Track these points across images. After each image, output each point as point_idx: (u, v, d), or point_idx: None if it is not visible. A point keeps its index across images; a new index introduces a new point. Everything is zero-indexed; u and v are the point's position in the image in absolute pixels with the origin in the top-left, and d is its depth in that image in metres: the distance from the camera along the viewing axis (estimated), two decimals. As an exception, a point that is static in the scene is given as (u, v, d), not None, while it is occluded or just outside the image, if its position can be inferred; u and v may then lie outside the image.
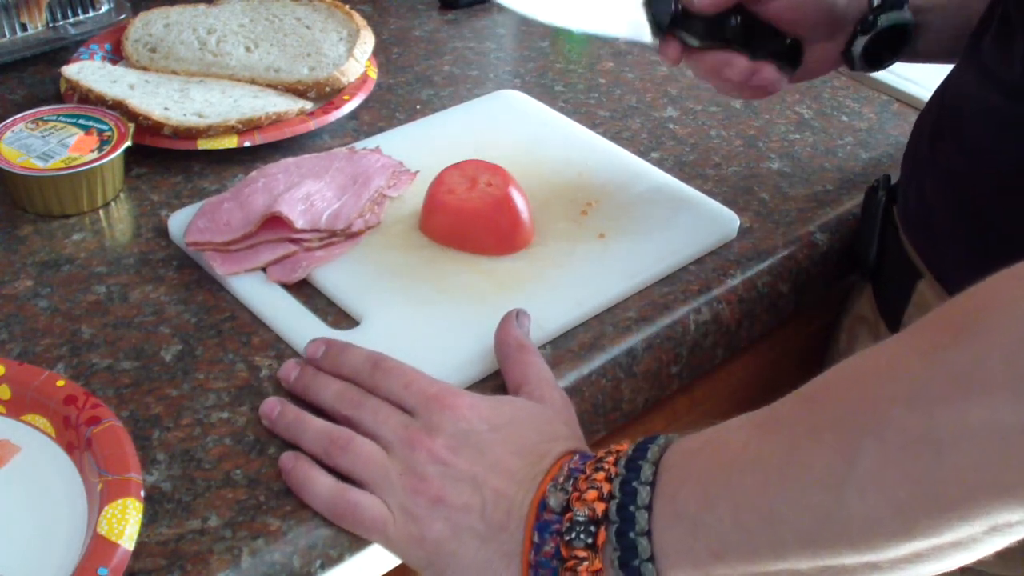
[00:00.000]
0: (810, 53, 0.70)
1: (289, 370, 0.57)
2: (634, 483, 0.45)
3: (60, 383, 0.53)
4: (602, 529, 0.45)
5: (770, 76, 0.68)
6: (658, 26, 0.68)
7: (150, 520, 0.50)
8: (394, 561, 0.56)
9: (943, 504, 0.37)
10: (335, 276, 0.64)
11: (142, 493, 0.48)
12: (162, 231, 0.68)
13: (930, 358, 0.38)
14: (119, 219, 0.70)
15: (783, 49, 0.68)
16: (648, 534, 0.44)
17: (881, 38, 0.69)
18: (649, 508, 0.45)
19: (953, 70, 0.64)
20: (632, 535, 0.44)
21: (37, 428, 0.53)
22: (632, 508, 0.45)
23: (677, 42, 0.68)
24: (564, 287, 0.65)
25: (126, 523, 0.47)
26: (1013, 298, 0.37)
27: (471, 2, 1.01)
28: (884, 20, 0.68)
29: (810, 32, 0.68)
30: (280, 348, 0.60)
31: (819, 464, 0.40)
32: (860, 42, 0.69)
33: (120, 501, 0.47)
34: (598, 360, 0.62)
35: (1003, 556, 0.40)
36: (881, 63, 0.71)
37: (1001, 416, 0.36)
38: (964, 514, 0.37)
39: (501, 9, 1.02)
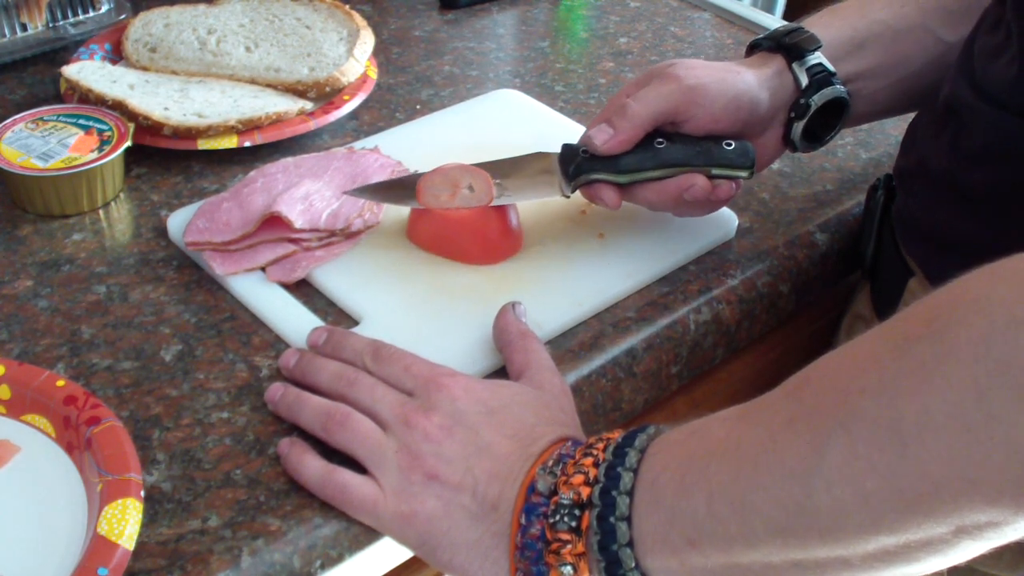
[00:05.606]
0: None
1: (289, 357, 0.57)
2: (619, 468, 0.46)
3: (60, 383, 0.53)
4: (587, 513, 0.46)
5: (729, 188, 0.65)
6: (569, 177, 0.64)
7: (150, 520, 0.50)
8: (394, 560, 0.56)
9: (908, 497, 0.37)
10: (334, 276, 0.64)
11: (142, 493, 0.48)
12: (162, 231, 0.68)
13: (900, 350, 0.38)
14: (119, 219, 0.70)
15: (729, 154, 0.64)
16: (628, 519, 0.45)
17: (817, 116, 0.68)
18: (631, 494, 0.45)
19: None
20: (612, 519, 0.45)
21: (37, 428, 0.53)
22: (615, 493, 0.45)
23: (604, 185, 0.64)
24: (563, 287, 0.65)
25: (126, 523, 0.47)
26: (985, 294, 0.37)
27: (471, 2, 1.01)
28: (817, 99, 0.67)
29: (741, 134, 0.66)
30: (280, 348, 0.60)
31: (791, 454, 0.40)
32: (798, 127, 0.68)
33: (120, 501, 0.47)
34: (598, 360, 0.62)
35: (999, 556, 0.40)
36: (822, 140, 0.71)
37: (965, 410, 0.36)
38: (930, 509, 0.37)
39: (501, 9, 1.02)
